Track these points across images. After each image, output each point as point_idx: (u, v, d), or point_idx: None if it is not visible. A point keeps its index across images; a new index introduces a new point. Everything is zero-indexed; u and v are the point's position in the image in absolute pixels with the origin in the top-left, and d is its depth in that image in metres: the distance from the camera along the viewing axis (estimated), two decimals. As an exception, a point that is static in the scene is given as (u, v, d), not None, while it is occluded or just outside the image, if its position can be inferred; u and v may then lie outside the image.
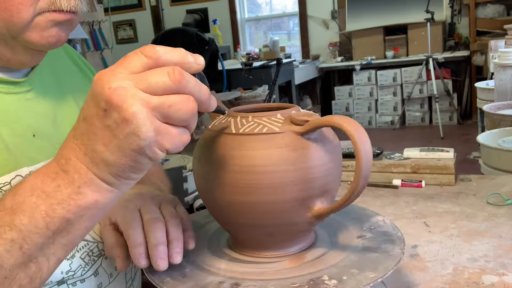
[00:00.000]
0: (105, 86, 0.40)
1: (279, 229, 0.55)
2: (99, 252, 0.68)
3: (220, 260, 0.58)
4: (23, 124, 0.61)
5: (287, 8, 6.52)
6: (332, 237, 0.62)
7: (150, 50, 0.42)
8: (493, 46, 3.32)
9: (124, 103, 0.40)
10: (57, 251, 0.46)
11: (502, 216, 0.90)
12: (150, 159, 0.43)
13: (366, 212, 0.68)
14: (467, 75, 5.36)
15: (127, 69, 0.42)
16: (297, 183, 0.52)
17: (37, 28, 0.56)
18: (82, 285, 0.65)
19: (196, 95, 0.43)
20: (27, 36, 0.56)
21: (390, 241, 0.59)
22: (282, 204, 0.53)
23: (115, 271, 0.70)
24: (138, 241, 0.55)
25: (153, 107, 0.40)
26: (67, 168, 0.44)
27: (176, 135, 0.42)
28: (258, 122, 0.54)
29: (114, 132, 0.41)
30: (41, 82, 0.66)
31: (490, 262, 0.73)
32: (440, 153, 1.14)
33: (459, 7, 5.39)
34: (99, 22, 4.19)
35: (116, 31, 7.03)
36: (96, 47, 4.17)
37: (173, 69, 0.41)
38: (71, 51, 0.81)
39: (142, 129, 0.40)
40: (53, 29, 0.57)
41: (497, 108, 2.05)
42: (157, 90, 0.41)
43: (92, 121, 0.42)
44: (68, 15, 0.57)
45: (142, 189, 0.68)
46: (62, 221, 0.44)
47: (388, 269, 0.52)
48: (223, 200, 0.55)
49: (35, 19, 0.55)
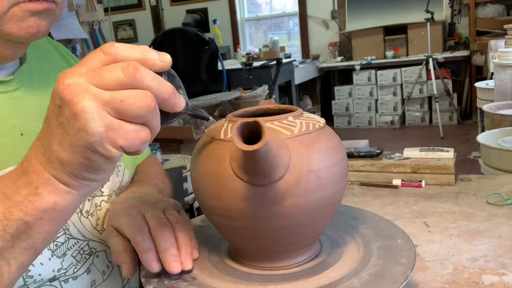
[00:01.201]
0: (60, 83, 0.40)
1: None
2: (90, 250, 0.68)
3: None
4: (10, 123, 0.61)
5: (287, 8, 6.52)
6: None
7: (110, 47, 0.41)
8: (493, 46, 3.32)
9: (74, 98, 0.39)
10: (18, 255, 0.44)
11: (502, 216, 0.90)
12: (104, 157, 0.41)
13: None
14: (467, 75, 5.36)
15: (86, 66, 0.41)
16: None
17: (14, 19, 0.54)
18: (75, 282, 0.65)
19: (154, 91, 0.41)
20: (5, 28, 0.55)
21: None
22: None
23: (108, 269, 0.70)
24: (148, 246, 0.54)
25: (104, 101, 0.39)
26: (27, 169, 0.43)
27: (131, 131, 0.40)
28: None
29: (66, 128, 0.40)
30: (29, 81, 0.66)
31: (490, 262, 0.73)
32: (440, 153, 1.14)
33: (459, 7, 5.39)
34: (99, 22, 4.19)
35: (116, 31, 7.03)
36: (96, 47, 4.16)
37: (128, 64, 0.40)
38: (61, 48, 0.80)
39: (91, 124, 0.39)
40: (31, 19, 0.55)
41: (497, 108, 2.05)
42: (109, 84, 0.39)
43: (49, 119, 0.42)
44: (46, 4, 0.55)
45: (142, 192, 0.67)
46: (20, 223, 0.43)
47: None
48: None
49: (10, 9, 0.54)
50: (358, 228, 0.64)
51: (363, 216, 0.68)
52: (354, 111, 5.66)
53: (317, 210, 0.52)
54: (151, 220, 0.57)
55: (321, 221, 0.55)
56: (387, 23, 5.50)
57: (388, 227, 0.64)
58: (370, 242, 0.60)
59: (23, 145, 0.61)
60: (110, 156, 0.41)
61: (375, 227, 0.64)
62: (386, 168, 1.15)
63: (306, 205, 0.51)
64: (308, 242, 0.56)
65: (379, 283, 0.50)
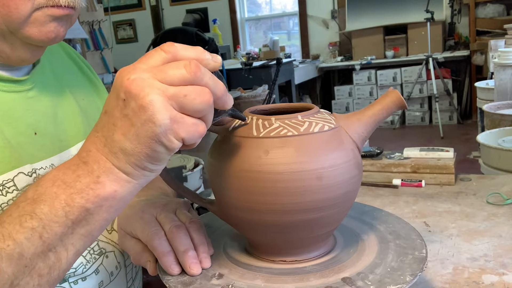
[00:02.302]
0: (124, 78, 0.42)
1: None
2: (100, 250, 0.68)
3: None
4: (25, 122, 0.62)
5: (287, 8, 6.52)
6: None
7: (170, 46, 0.44)
8: (493, 46, 3.32)
9: (141, 92, 0.41)
10: (76, 241, 0.46)
11: (502, 216, 0.90)
12: (166, 148, 0.43)
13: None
14: (467, 75, 5.36)
15: (146, 64, 0.43)
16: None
17: (35, 23, 0.56)
18: (84, 283, 0.65)
19: (211, 88, 0.44)
20: (26, 31, 0.56)
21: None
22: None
23: (116, 270, 0.70)
24: (166, 250, 0.55)
25: (169, 96, 0.42)
26: (87, 159, 0.45)
27: (192, 125, 0.43)
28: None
29: (132, 120, 0.42)
30: (42, 81, 0.67)
31: (490, 262, 0.73)
32: (440, 153, 1.14)
33: (459, 6, 5.40)
34: (99, 22, 4.19)
35: (116, 31, 7.03)
36: (96, 47, 4.16)
37: (189, 62, 0.43)
38: (70, 50, 0.81)
39: (158, 116, 0.41)
40: (52, 24, 0.57)
41: (497, 108, 2.05)
42: (173, 80, 0.42)
43: (112, 112, 0.44)
44: (67, 10, 0.57)
45: (149, 195, 0.68)
46: (81, 210, 0.45)
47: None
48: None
49: (33, 14, 0.55)
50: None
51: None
52: (354, 111, 5.66)
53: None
54: (165, 223, 0.57)
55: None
56: (387, 23, 5.51)
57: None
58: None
59: (37, 144, 0.63)
60: (172, 147, 0.43)
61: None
62: (386, 168, 1.15)
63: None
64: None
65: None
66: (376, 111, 0.57)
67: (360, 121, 0.57)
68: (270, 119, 0.54)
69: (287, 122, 0.54)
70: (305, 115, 0.55)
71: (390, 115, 0.58)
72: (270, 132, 0.53)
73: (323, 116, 0.56)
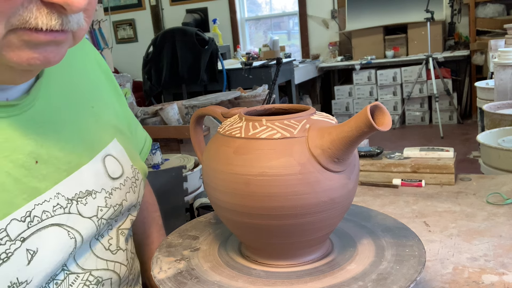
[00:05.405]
0: None
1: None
2: (96, 279, 0.63)
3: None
4: (24, 151, 0.54)
5: (287, 8, 6.52)
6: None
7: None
8: (493, 46, 3.32)
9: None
10: None
11: (502, 216, 0.90)
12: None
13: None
14: (467, 75, 5.36)
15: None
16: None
17: (12, 47, 0.45)
18: None
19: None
20: (4, 55, 0.46)
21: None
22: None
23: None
24: None
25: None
26: None
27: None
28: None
29: None
30: (45, 94, 0.60)
31: (490, 262, 0.73)
32: (440, 153, 1.14)
33: (459, 6, 5.39)
34: (99, 21, 4.18)
35: (116, 30, 7.03)
36: (96, 47, 4.16)
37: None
38: (98, 57, 0.76)
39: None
40: (29, 51, 0.46)
41: (497, 108, 2.05)
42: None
43: None
44: (50, 36, 0.46)
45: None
46: None
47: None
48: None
49: (7, 36, 0.45)
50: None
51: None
52: (354, 111, 5.66)
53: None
54: None
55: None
56: (387, 22, 5.50)
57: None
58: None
59: (37, 173, 0.55)
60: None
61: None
62: (386, 167, 1.15)
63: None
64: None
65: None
66: (346, 127, 0.50)
67: (330, 135, 0.51)
68: (260, 120, 0.54)
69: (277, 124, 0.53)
70: (283, 119, 0.54)
71: (363, 135, 0.50)
72: (258, 134, 0.53)
73: (290, 123, 0.54)
